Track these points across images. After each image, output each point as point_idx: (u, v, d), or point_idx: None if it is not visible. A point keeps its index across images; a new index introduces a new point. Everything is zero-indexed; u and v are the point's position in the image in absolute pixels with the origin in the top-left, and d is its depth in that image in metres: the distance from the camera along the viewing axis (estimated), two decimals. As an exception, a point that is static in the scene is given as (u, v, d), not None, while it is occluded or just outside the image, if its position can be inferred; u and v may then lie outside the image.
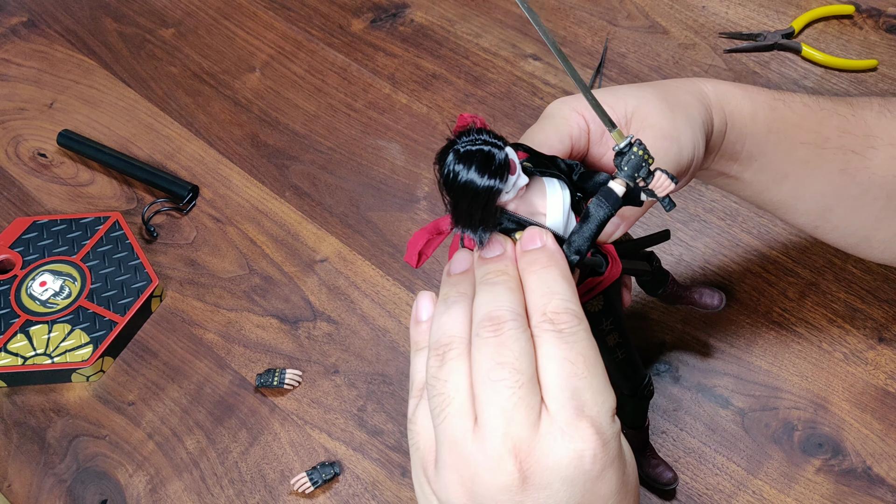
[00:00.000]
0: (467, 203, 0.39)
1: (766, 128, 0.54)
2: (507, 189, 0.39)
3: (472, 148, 0.38)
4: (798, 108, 0.56)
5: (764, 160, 0.56)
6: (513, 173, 0.39)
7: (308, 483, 0.64)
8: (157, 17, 0.96)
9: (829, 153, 0.56)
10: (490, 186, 0.38)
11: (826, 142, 0.56)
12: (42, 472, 0.67)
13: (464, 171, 0.38)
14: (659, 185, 0.42)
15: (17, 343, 0.71)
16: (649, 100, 0.50)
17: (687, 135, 0.50)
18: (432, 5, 0.94)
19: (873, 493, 0.62)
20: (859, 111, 0.57)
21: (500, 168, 0.38)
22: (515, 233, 0.41)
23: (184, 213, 0.80)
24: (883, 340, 0.69)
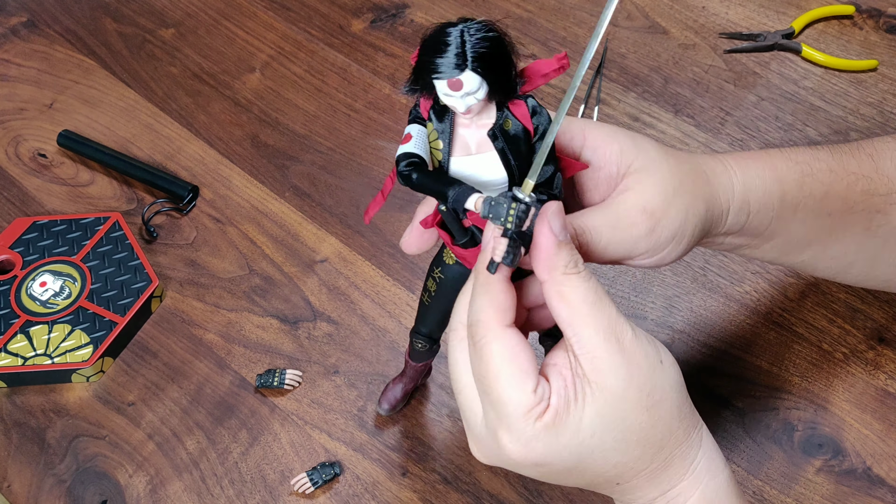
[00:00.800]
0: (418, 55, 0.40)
1: (793, 207, 0.53)
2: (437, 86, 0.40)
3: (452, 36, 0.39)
4: (825, 177, 0.54)
5: (787, 235, 0.54)
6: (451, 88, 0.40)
7: (308, 483, 0.64)
8: (157, 17, 0.96)
9: (854, 217, 0.55)
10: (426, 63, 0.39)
11: (852, 208, 0.55)
12: (42, 472, 0.67)
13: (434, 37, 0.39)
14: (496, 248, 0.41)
15: (17, 343, 0.71)
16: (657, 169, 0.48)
17: (672, 221, 0.48)
18: (432, 5, 0.94)
19: (873, 494, 0.62)
20: (881, 165, 0.56)
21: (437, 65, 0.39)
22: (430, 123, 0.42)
23: (184, 213, 0.80)
24: (883, 340, 0.69)
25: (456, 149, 0.43)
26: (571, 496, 0.63)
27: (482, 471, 0.65)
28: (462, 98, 0.40)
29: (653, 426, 0.42)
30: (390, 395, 0.66)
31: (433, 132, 0.43)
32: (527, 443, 0.42)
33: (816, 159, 0.55)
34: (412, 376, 0.65)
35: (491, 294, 0.42)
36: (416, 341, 0.59)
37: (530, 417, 0.41)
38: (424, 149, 0.42)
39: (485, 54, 0.39)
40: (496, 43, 0.40)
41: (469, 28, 0.39)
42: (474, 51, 0.39)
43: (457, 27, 0.39)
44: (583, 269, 0.42)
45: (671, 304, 0.71)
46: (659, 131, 0.82)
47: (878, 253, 0.58)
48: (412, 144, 0.42)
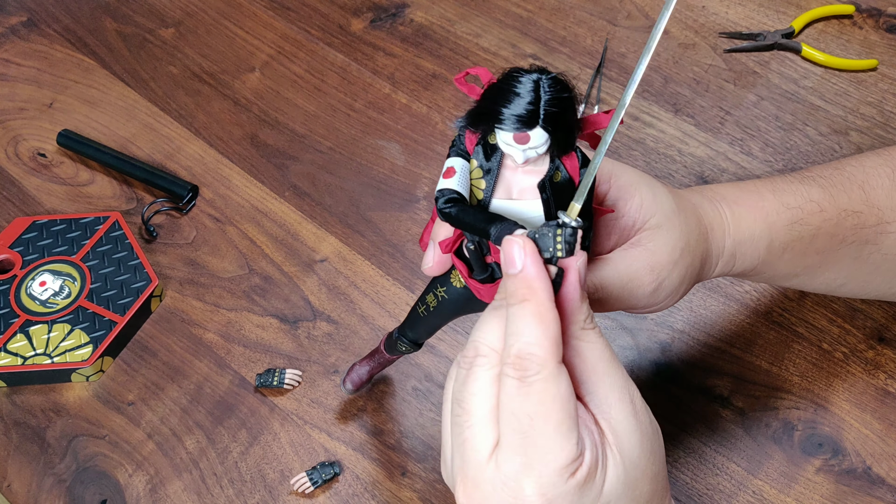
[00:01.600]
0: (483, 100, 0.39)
1: (781, 250, 0.54)
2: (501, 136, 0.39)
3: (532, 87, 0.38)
4: (816, 220, 0.54)
5: (775, 271, 0.55)
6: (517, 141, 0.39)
7: (308, 483, 0.64)
8: (157, 17, 0.96)
9: (843, 250, 0.56)
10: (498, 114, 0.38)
11: (841, 243, 0.55)
12: (42, 471, 0.67)
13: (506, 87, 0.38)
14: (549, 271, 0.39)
15: (17, 343, 0.71)
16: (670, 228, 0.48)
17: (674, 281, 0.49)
18: (432, 5, 0.94)
19: (873, 494, 0.62)
20: (871, 196, 0.56)
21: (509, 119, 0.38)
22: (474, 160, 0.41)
23: (183, 213, 0.80)
24: (883, 340, 0.68)
25: (498, 191, 0.42)
26: (571, 496, 0.63)
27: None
28: (524, 151, 0.40)
29: (653, 495, 0.42)
30: (355, 376, 0.65)
31: (477, 170, 0.42)
32: (552, 499, 0.39)
33: (808, 200, 0.55)
34: (381, 363, 0.64)
35: (547, 324, 0.38)
36: (401, 343, 0.58)
37: (566, 473, 0.39)
38: (466, 185, 0.41)
39: (557, 114, 0.38)
40: (569, 102, 0.39)
41: (544, 84, 0.38)
42: (547, 109, 0.38)
43: (531, 76, 0.38)
44: (596, 325, 0.41)
45: (671, 303, 0.71)
46: (659, 131, 0.82)
47: (870, 277, 0.59)
48: (455, 181, 0.41)
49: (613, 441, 0.40)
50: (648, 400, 0.66)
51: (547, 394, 0.38)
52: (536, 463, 0.38)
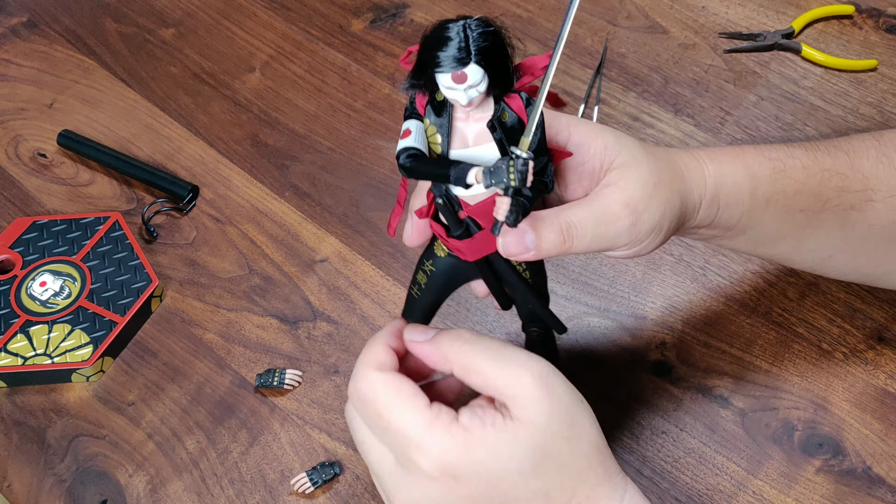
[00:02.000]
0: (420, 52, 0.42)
1: (764, 202, 0.54)
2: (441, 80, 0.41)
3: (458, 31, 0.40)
4: (798, 175, 0.55)
5: (760, 229, 0.56)
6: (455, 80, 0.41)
7: (308, 483, 0.64)
8: (157, 17, 0.96)
9: (827, 213, 0.56)
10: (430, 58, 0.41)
11: (825, 204, 0.56)
12: (42, 472, 0.67)
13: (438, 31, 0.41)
14: (498, 207, 0.42)
15: (17, 343, 0.71)
16: (638, 165, 0.49)
17: (653, 215, 0.49)
18: (432, 5, 0.94)
19: (873, 494, 0.62)
20: (857, 162, 0.56)
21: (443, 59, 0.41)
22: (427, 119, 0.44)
23: (184, 213, 0.80)
24: (883, 340, 0.69)
25: (454, 142, 0.44)
26: (571, 496, 0.63)
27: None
28: (465, 91, 0.42)
29: (573, 457, 0.44)
30: None
31: (431, 127, 0.44)
32: (438, 455, 0.43)
33: (790, 156, 0.55)
34: None
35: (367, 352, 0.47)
36: None
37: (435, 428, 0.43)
38: (423, 143, 0.44)
39: (487, 47, 0.41)
40: (496, 37, 0.41)
41: (470, 24, 0.41)
42: (476, 44, 0.40)
43: (457, 23, 0.41)
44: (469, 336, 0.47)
45: (671, 304, 0.71)
46: (659, 131, 0.82)
47: (857, 250, 0.58)
48: (412, 139, 0.43)
49: (518, 413, 0.43)
50: (648, 400, 0.66)
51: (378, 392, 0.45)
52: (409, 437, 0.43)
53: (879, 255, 0.59)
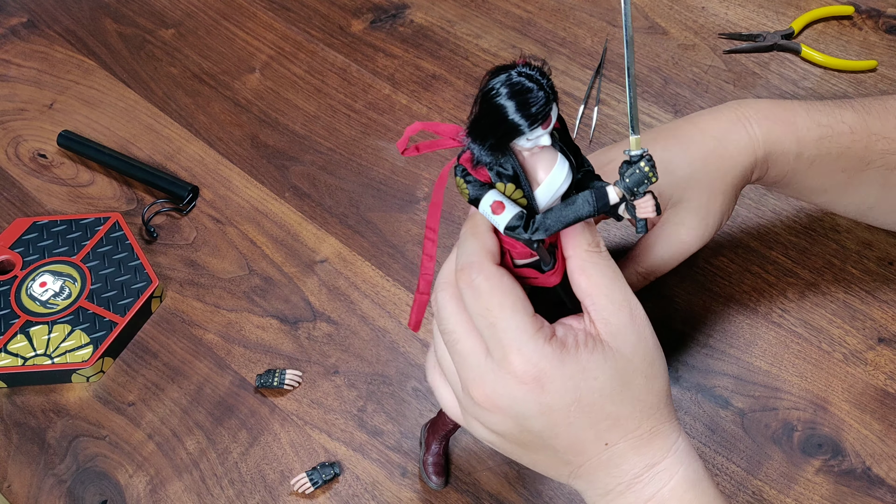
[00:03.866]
0: (489, 124, 0.40)
1: (808, 163, 0.57)
2: (528, 136, 0.40)
3: (527, 83, 0.39)
4: (845, 140, 0.57)
5: (802, 183, 0.59)
6: (544, 127, 0.40)
7: (308, 483, 0.64)
8: (157, 17, 0.96)
9: (869, 173, 0.58)
10: (517, 124, 0.39)
11: (869, 164, 0.58)
12: (42, 472, 0.67)
13: (505, 96, 0.39)
14: (643, 207, 0.43)
15: (17, 344, 0.71)
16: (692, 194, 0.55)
17: (715, 222, 0.56)
18: (432, 6, 0.94)
19: (873, 494, 0.62)
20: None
21: (535, 114, 0.39)
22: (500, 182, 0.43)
23: (184, 213, 0.80)
24: (883, 340, 0.69)
25: (532, 184, 0.43)
26: (572, 496, 0.63)
27: (482, 471, 0.65)
28: (549, 133, 0.41)
29: (648, 391, 0.46)
30: (433, 466, 0.63)
31: (509, 186, 0.43)
32: (536, 361, 0.44)
33: (840, 121, 0.58)
34: (446, 432, 0.62)
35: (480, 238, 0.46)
36: None
37: (539, 336, 0.44)
38: (515, 205, 0.43)
39: (552, 85, 0.40)
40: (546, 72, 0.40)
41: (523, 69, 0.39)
42: (548, 85, 0.40)
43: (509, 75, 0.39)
44: (604, 250, 0.46)
45: (671, 304, 0.71)
46: (659, 132, 0.82)
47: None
48: (510, 209, 0.43)
49: (607, 339, 0.45)
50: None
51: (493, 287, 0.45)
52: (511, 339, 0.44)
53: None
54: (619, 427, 0.46)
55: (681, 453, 0.47)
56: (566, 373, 0.44)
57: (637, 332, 0.46)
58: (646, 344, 0.46)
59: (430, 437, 0.63)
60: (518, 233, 0.43)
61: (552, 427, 0.45)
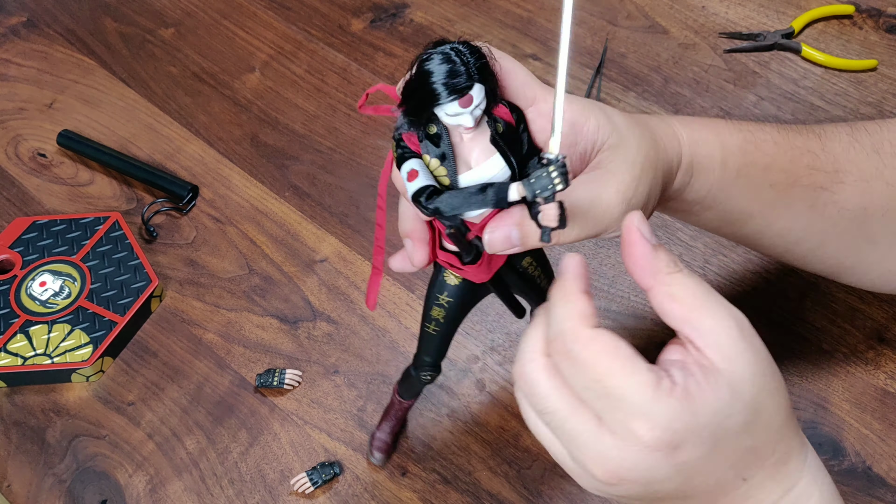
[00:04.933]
0: (411, 88, 0.41)
1: (734, 173, 0.54)
2: (446, 109, 0.41)
3: (454, 56, 0.40)
4: (769, 149, 0.55)
5: (730, 203, 0.55)
6: (462, 105, 0.40)
7: (308, 483, 0.64)
8: (156, 17, 0.96)
9: (797, 191, 0.55)
10: (432, 90, 0.40)
11: (795, 181, 0.55)
12: (42, 472, 0.67)
13: (433, 62, 0.40)
14: (546, 214, 0.41)
15: (17, 343, 0.71)
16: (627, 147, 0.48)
17: (640, 198, 0.48)
18: (432, 5, 0.94)
19: (873, 493, 0.62)
20: (828, 144, 0.56)
21: (451, 86, 0.40)
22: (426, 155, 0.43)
23: (183, 213, 0.80)
24: (883, 340, 0.69)
25: (459, 168, 0.43)
26: (572, 496, 0.63)
27: (482, 471, 0.65)
28: (471, 113, 0.41)
29: (776, 410, 0.42)
30: (379, 443, 0.64)
31: (433, 161, 0.43)
32: (668, 424, 0.39)
33: (761, 130, 0.55)
34: (399, 416, 0.64)
35: (570, 300, 0.42)
36: (423, 374, 0.57)
37: (661, 393, 0.40)
38: (431, 179, 0.42)
39: (484, 65, 0.41)
40: (484, 55, 0.41)
41: (458, 47, 0.40)
42: (476, 64, 0.40)
43: (445, 49, 0.40)
44: (683, 267, 0.43)
45: (671, 303, 0.71)
46: (659, 131, 0.82)
47: (826, 235, 0.57)
48: (421, 178, 0.42)
49: (724, 365, 0.41)
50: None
51: (595, 354, 0.40)
52: (632, 406, 0.39)
53: (847, 242, 0.58)
54: (757, 458, 0.42)
55: (813, 470, 0.44)
56: (700, 423, 0.40)
57: (751, 346, 0.41)
58: (762, 357, 0.42)
59: (384, 416, 0.64)
60: (420, 203, 0.42)
61: (689, 480, 0.42)
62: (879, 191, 0.56)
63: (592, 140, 0.48)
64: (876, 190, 0.56)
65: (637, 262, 0.42)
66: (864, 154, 0.56)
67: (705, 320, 0.41)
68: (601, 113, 0.49)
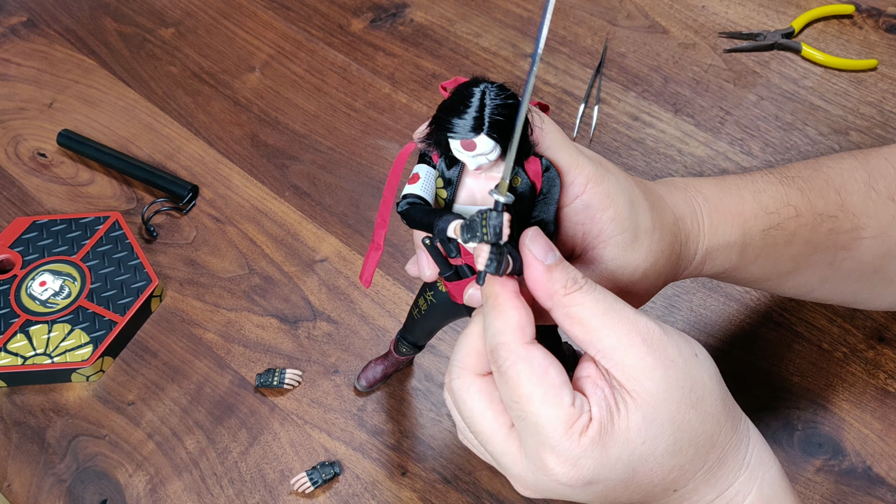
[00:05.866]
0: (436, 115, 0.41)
1: (754, 256, 0.52)
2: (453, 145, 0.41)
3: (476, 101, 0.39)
4: (792, 226, 0.53)
5: (745, 276, 0.54)
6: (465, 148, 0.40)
7: (308, 483, 0.64)
8: (156, 16, 0.96)
9: (817, 256, 0.55)
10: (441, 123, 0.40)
11: (816, 248, 0.54)
12: (42, 471, 0.67)
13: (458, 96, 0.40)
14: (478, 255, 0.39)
15: (17, 343, 0.71)
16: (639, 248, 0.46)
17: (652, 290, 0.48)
18: (432, 5, 0.94)
19: (873, 493, 0.62)
20: (847, 201, 0.55)
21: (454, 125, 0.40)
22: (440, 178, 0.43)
23: (183, 212, 0.80)
24: (883, 340, 0.69)
25: (461, 197, 0.43)
26: (571, 496, 0.63)
27: (482, 470, 0.65)
28: (474, 157, 0.41)
29: (702, 422, 0.41)
30: (370, 374, 0.68)
31: (439, 178, 0.43)
32: (575, 462, 0.39)
33: (787, 204, 0.53)
34: (394, 363, 0.68)
35: (504, 314, 0.40)
36: (402, 345, 0.63)
37: (574, 433, 0.39)
38: (430, 191, 0.43)
39: (501, 122, 0.40)
40: (513, 110, 0.40)
41: (490, 92, 0.40)
42: (491, 117, 0.39)
43: (478, 88, 0.40)
44: (584, 282, 0.41)
45: (671, 304, 0.71)
46: (659, 130, 0.82)
47: (842, 285, 0.58)
48: (419, 186, 0.42)
49: (632, 386, 0.40)
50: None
51: (520, 375, 0.39)
52: (543, 437, 0.39)
53: (863, 284, 0.58)
54: (684, 474, 0.41)
55: (753, 466, 0.43)
56: (612, 455, 0.39)
57: (661, 360, 0.40)
58: (676, 368, 0.40)
59: (382, 357, 0.68)
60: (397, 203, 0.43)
61: (608, 498, 0.42)
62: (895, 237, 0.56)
63: (601, 229, 0.45)
64: (893, 237, 0.56)
65: (533, 286, 0.41)
66: (881, 204, 0.55)
67: (606, 339, 0.40)
68: (626, 204, 0.45)
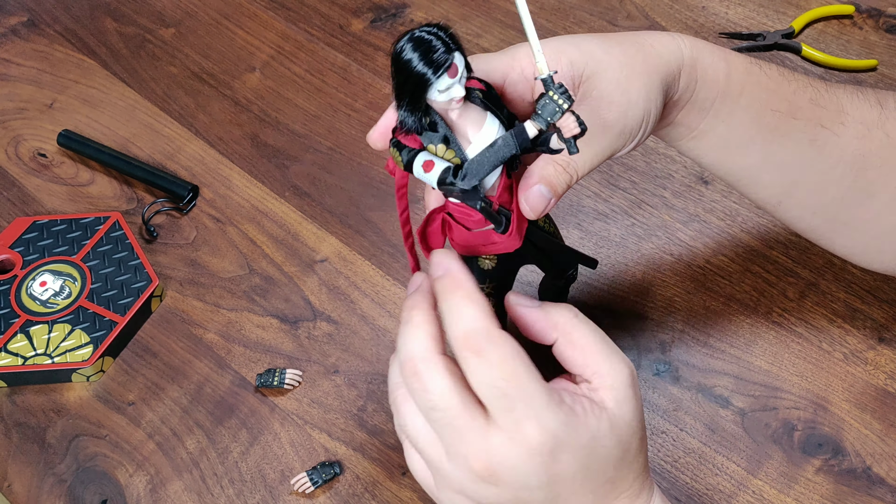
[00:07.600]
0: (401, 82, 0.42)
1: (739, 88, 0.54)
2: (438, 86, 0.42)
3: (425, 36, 0.41)
4: (774, 75, 0.56)
5: (733, 121, 0.55)
6: (451, 76, 0.42)
7: (308, 483, 0.64)
8: (156, 17, 0.96)
9: (799, 123, 0.56)
10: (422, 73, 0.41)
11: (797, 111, 0.56)
12: (42, 472, 0.67)
13: (408, 51, 0.41)
14: (566, 128, 0.43)
15: (17, 343, 0.71)
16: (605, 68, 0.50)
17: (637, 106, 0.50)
18: (432, 5, 0.94)
19: (873, 493, 0.62)
20: (832, 88, 0.57)
21: (436, 60, 0.41)
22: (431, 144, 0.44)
23: (184, 213, 0.80)
24: (883, 340, 0.69)
25: (463, 144, 0.45)
26: (571, 496, 0.63)
27: (482, 470, 0.65)
28: (459, 81, 0.43)
29: (638, 454, 0.47)
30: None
31: (439, 146, 0.44)
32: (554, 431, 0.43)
33: (766, 62, 0.56)
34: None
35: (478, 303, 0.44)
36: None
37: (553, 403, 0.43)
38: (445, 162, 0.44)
39: (454, 36, 0.42)
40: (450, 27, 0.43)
41: (424, 28, 0.42)
42: (450, 37, 0.42)
43: (411, 35, 0.42)
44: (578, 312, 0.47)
45: (671, 303, 0.71)
46: (659, 131, 0.82)
47: (825, 178, 0.57)
48: (439, 164, 0.44)
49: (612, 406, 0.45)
50: (648, 400, 0.66)
51: (506, 355, 0.43)
52: (527, 408, 0.42)
53: (844, 190, 0.57)
54: (616, 489, 0.46)
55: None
56: (579, 441, 0.44)
57: (636, 396, 0.46)
58: (640, 409, 0.47)
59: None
60: (448, 184, 0.44)
61: (555, 497, 0.45)
62: (879, 140, 0.56)
63: (570, 77, 0.50)
64: (876, 138, 0.56)
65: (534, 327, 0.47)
66: (866, 104, 0.57)
67: (603, 364, 0.46)
68: (574, 49, 0.50)
